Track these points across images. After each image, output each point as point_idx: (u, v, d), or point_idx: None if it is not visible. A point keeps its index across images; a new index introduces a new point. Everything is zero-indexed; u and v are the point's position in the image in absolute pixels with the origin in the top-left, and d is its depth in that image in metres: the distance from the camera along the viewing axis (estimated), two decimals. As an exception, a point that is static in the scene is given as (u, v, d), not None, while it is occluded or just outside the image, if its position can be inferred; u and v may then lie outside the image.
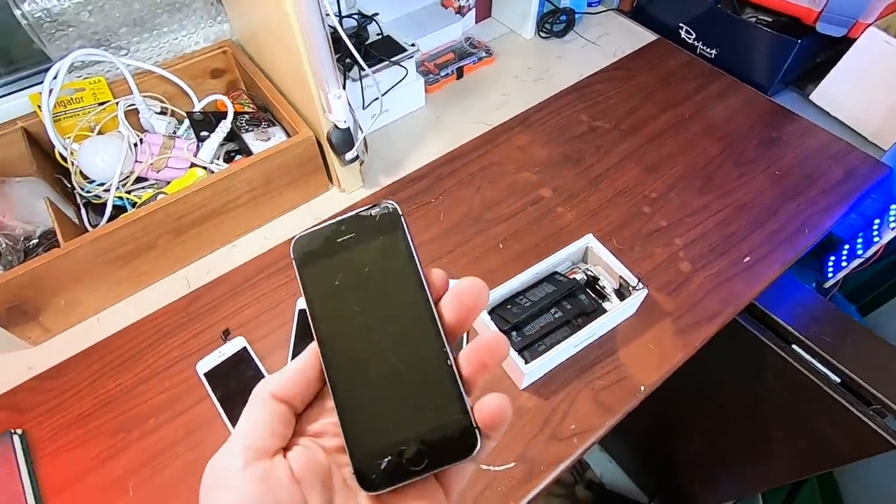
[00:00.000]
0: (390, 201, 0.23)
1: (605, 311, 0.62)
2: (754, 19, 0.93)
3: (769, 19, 0.92)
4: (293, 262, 0.23)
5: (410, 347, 0.22)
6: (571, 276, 0.65)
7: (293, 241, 0.23)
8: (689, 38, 1.00)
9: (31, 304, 0.60)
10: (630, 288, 0.62)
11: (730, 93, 0.92)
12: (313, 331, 0.22)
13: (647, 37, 1.03)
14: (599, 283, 0.65)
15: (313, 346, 0.22)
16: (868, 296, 0.99)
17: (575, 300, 0.63)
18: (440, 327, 0.22)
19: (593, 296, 0.64)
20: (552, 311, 0.62)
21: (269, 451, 0.21)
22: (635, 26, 1.05)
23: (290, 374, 0.22)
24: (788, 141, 0.84)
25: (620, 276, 0.62)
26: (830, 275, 0.88)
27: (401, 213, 0.23)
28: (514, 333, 0.60)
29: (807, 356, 0.69)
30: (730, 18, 0.93)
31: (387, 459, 0.20)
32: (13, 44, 0.73)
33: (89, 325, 0.65)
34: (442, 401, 0.21)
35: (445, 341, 0.22)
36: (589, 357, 0.61)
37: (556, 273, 0.65)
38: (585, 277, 0.66)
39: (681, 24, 1.00)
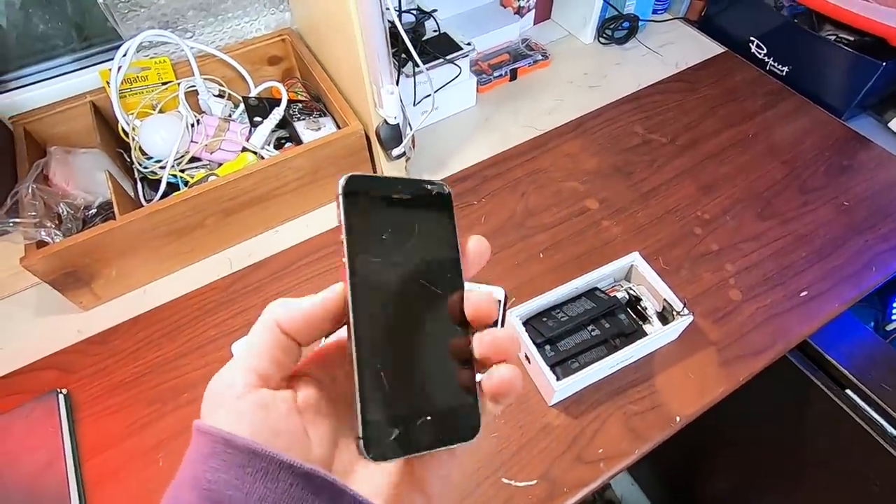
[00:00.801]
0: (445, 184, 0.23)
1: (645, 333, 0.60)
2: (834, 37, 0.87)
3: (850, 38, 0.85)
4: (340, 196, 0.21)
5: (436, 324, 0.21)
6: (612, 294, 0.63)
7: (345, 176, 0.21)
8: (760, 53, 0.94)
9: (86, 271, 0.62)
10: (674, 312, 0.59)
11: (800, 113, 0.86)
12: (347, 276, 0.20)
13: (713, 49, 0.98)
14: (641, 303, 0.63)
15: (336, 289, 0.21)
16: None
17: (614, 319, 0.60)
18: (466, 314, 0.22)
19: (634, 316, 0.62)
20: (589, 328, 0.60)
21: (271, 379, 0.20)
22: (702, 37, 1.01)
23: (301, 310, 0.21)
24: (860, 170, 0.78)
25: (665, 299, 0.60)
26: (895, 317, 0.82)
27: (452, 197, 0.23)
28: (547, 347, 0.58)
29: (861, 403, 0.64)
30: (807, 35, 0.87)
31: (397, 431, 0.20)
32: (88, 21, 0.77)
33: (136, 296, 0.68)
34: (458, 382, 0.21)
35: (469, 327, 0.22)
36: (624, 380, 0.59)
37: (596, 289, 0.63)
38: (627, 296, 0.63)
39: (751, 38, 0.95)
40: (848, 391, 0.66)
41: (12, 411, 0.57)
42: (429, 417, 0.20)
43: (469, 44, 0.81)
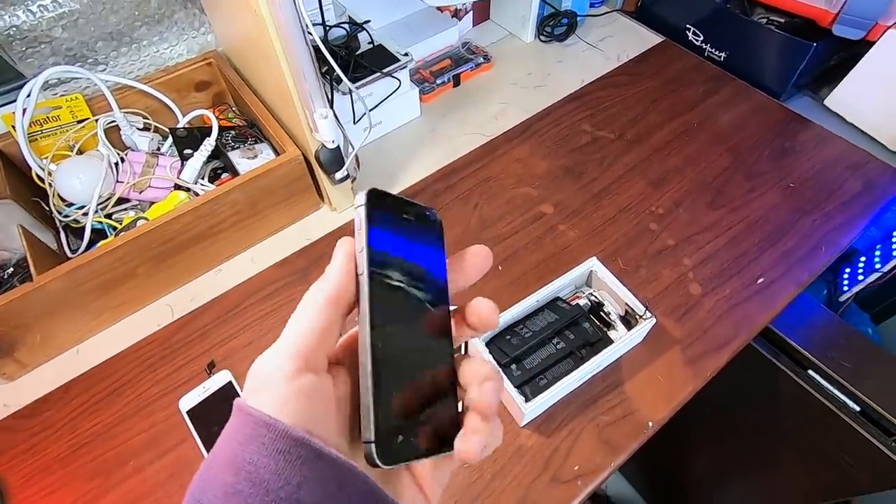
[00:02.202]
0: (435, 211, 0.25)
1: (610, 340, 0.59)
2: (765, 20, 0.88)
3: (781, 20, 0.87)
4: (363, 206, 0.22)
5: (431, 339, 0.23)
6: (574, 303, 0.62)
7: (367, 189, 0.23)
8: (697, 40, 0.95)
9: (5, 340, 0.57)
10: (637, 316, 0.58)
11: (740, 98, 0.87)
12: (361, 284, 0.22)
13: (652, 39, 0.98)
14: (604, 309, 0.62)
15: (347, 246, 0.22)
16: (882, 304, 0.95)
17: (578, 329, 0.59)
18: (452, 327, 0.24)
19: (598, 324, 0.61)
20: (554, 341, 0.58)
21: (318, 364, 0.20)
22: (640, 28, 1.01)
23: (337, 275, 0.21)
24: (802, 150, 0.80)
25: (626, 303, 0.59)
26: (846, 288, 0.84)
27: (441, 225, 0.25)
28: (513, 367, 0.56)
29: (824, 383, 0.65)
30: (739, 20, 0.89)
31: (402, 438, 0.21)
32: (-15, 60, 0.70)
33: (68, 357, 0.62)
34: (449, 392, 0.23)
35: (451, 338, 0.24)
36: (593, 390, 0.58)
37: (558, 299, 0.62)
38: (589, 303, 0.62)
39: (688, 26, 0.96)
40: (810, 372, 0.67)
41: (-68, 507, 0.51)
42: (429, 425, 0.21)
43: (406, 54, 0.78)
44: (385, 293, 0.22)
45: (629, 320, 0.60)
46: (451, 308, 0.24)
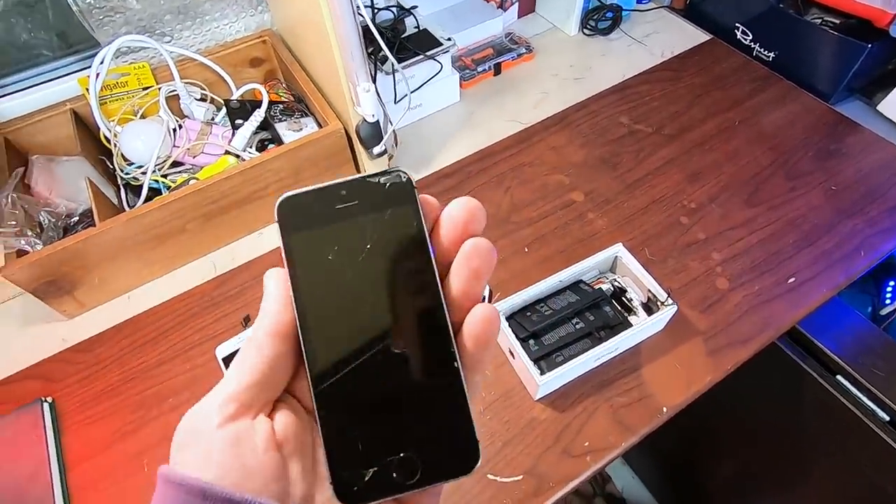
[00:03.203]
0: (402, 169, 0.20)
1: (630, 325, 0.59)
2: (819, 21, 0.86)
3: (836, 21, 0.85)
4: (277, 223, 0.19)
5: (412, 343, 0.19)
6: (597, 287, 0.62)
7: (279, 199, 0.19)
8: (746, 40, 0.94)
9: (68, 279, 0.62)
10: (659, 303, 0.58)
11: (787, 99, 0.85)
12: (294, 308, 0.19)
13: (699, 37, 0.97)
14: (626, 295, 0.62)
15: (277, 275, 0.19)
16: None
17: (599, 311, 0.60)
18: (450, 327, 0.19)
19: (619, 308, 0.61)
20: (574, 321, 0.59)
21: (253, 406, 0.18)
22: (687, 25, 1.00)
23: (274, 302, 0.19)
24: (849, 154, 0.77)
25: (649, 290, 0.59)
26: (888, 301, 0.81)
27: (414, 184, 0.20)
28: (531, 342, 0.58)
29: (853, 389, 0.63)
30: (792, 19, 0.86)
31: (373, 470, 0.18)
32: (67, 28, 0.76)
33: (120, 302, 0.68)
34: (444, 408, 0.19)
35: (453, 340, 0.19)
36: (610, 372, 0.59)
37: (580, 282, 0.63)
38: (612, 288, 0.63)
39: (737, 24, 0.94)
40: (838, 377, 0.65)
41: (-3, 421, 0.57)
42: (413, 452, 0.18)
43: (449, 39, 0.80)
44: (321, 309, 0.19)
45: (651, 307, 0.61)
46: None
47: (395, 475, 0.18)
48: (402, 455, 0.18)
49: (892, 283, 0.80)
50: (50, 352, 0.63)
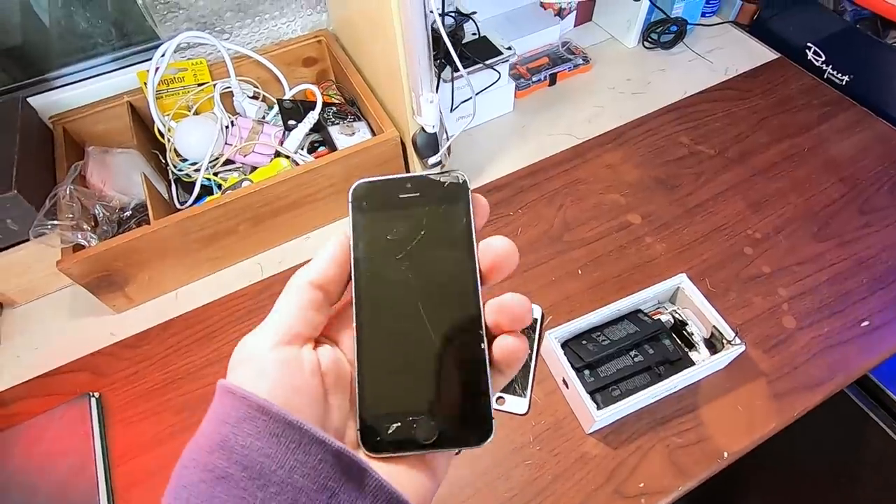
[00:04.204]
0: (461, 172, 0.22)
1: (690, 361, 0.57)
2: (901, 44, 0.81)
3: (920, 45, 0.80)
4: (349, 203, 0.22)
5: (447, 322, 0.21)
6: (656, 317, 0.60)
7: (354, 184, 0.23)
8: (817, 61, 0.89)
9: (120, 274, 0.62)
10: (724, 340, 0.55)
11: (861, 126, 0.81)
12: (352, 274, 0.22)
13: (766, 55, 0.93)
14: (687, 328, 0.59)
15: (341, 237, 0.22)
16: None
17: (658, 345, 0.57)
18: (481, 311, 0.21)
19: (679, 342, 0.59)
20: (632, 353, 0.57)
21: (299, 338, 0.20)
22: (754, 42, 0.95)
23: (323, 260, 0.22)
24: (929, 189, 0.73)
25: (714, 326, 0.56)
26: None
27: (469, 186, 0.22)
28: (586, 372, 0.55)
29: (924, 444, 0.60)
30: (871, 41, 0.82)
31: (396, 425, 0.20)
32: (127, 22, 0.77)
33: (168, 300, 0.68)
34: (467, 383, 0.20)
35: (483, 326, 0.21)
36: (666, 410, 0.56)
37: (639, 311, 0.60)
38: (672, 320, 0.60)
39: (808, 44, 0.89)
40: (908, 429, 0.61)
41: (46, 413, 0.57)
42: (434, 417, 0.20)
43: (510, 48, 0.78)
44: (376, 279, 0.21)
45: (714, 343, 0.58)
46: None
47: (414, 434, 0.20)
48: (423, 417, 0.20)
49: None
50: (98, 345, 0.64)
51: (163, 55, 0.70)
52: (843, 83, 0.86)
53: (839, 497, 0.75)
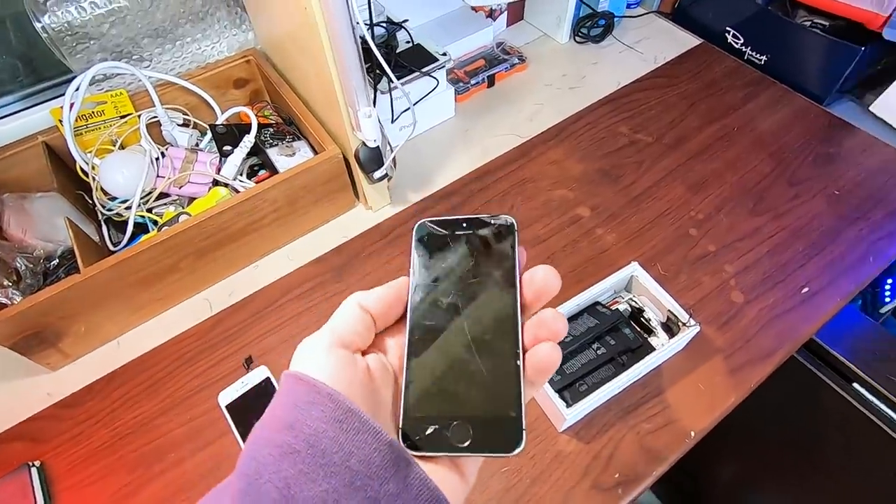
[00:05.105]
0: (510, 216, 0.26)
1: (651, 347, 0.58)
2: (809, 23, 0.86)
3: (825, 23, 0.85)
4: (412, 236, 0.26)
5: (488, 338, 0.24)
6: (614, 307, 0.61)
7: (418, 223, 0.27)
8: (737, 43, 0.94)
9: (51, 330, 0.58)
10: (680, 323, 0.57)
11: (781, 103, 0.85)
12: (409, 292, 0.25)
13: (690, 41, 0.97)
14: (644, 315, 0.61)
15: (402, 280, 0.25)
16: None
17: (619, 334, 0.58)
18: (519, 332, 0.23)
19: (638, 329, 0.60)
20: (594, 346, 0.57)
21: (351, 345, 0.23)
22: (677, 30, 0.99)
23: (378, 294, 0.24)
24: (847, 157, 0.77)
25: (669, 310, 0.58)
26: (888, 299, 0.82)
27: (516, 227, 0.26)
28: (553, 371, 0.56)
29: (871, 397, 0.63)
30: (782, 22, 0.87)
31: (434, 427, 0.22)
32: (34, 56, 0.71)
33: (109, 349, 0.63)
34: (502, 394, 0.22)
35: (520, 344, 0.23)
36: (633, 397, 0.57)
37: (597, 303, 0.61)
38: (629, 308, 0.61)
39: (727, 28, 0.94)
40: (855, 385, 0.65)
41: (-20, 492, 0.52)
42: (470, 423, 0.22)
43: (445, 54, 0.77)
44: (429, 299, 0.25)
45: (670, 327, 0.59)
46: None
47: (450, 437, 0.22)
48: (460, 422, 0.22)
49: (889, 281, 0.81)
50: (34, 409, 0.59)
51: (77, 89, 0.66)
52: (762, 63, 0.91)
53: (807, 458, 0.79)
